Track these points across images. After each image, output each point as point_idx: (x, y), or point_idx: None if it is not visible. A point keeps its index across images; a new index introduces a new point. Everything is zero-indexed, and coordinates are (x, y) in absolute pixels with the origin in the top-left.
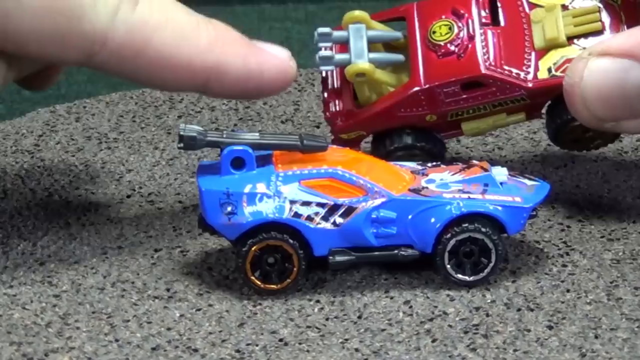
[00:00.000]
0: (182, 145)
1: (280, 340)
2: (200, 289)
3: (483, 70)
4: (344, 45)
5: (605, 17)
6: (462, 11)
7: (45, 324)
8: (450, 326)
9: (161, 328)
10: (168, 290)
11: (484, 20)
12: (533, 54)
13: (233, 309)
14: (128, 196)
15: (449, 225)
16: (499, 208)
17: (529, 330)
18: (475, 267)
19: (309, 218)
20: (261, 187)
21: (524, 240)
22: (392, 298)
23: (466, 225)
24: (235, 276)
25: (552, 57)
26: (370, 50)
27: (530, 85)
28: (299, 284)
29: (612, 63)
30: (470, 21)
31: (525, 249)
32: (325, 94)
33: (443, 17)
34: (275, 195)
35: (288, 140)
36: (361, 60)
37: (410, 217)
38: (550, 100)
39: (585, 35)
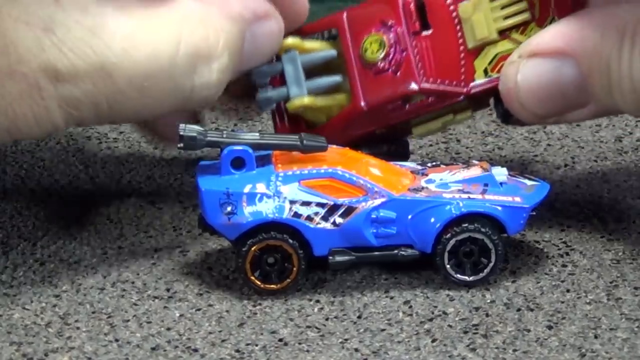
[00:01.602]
0: (182, 145)
1: (280, 340)
2: (200, 289)
3: (419, 85)
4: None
5: (534, 0)
6: (390, 21)
7: (45, 324)
8: (450, 326)
9: (161, 328)
10: (168, 290)
11: (412, 28)
12: (467, 56)
13: (233, 309)
14: (128, 196)
15: (448, 225)
16: (499, 208)
17: (528, 330)
18: (475, 267)
19: (309, 218)
20: (261, 187)
21: (524, 240)
22: (392, 298)
23: (466, 225)
24: (235, 276)
25: (487, 57)
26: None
27: (466, 90)
28: (299, 284)
29: (543, 63)
30: (399, 31)
31: (525, 249)
32: (276, 122)
33: (373, 31)
34: (275, 195)
35: (288, 140)
36: (300, 92)
37: (410, 217)
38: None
39: (517, 26)
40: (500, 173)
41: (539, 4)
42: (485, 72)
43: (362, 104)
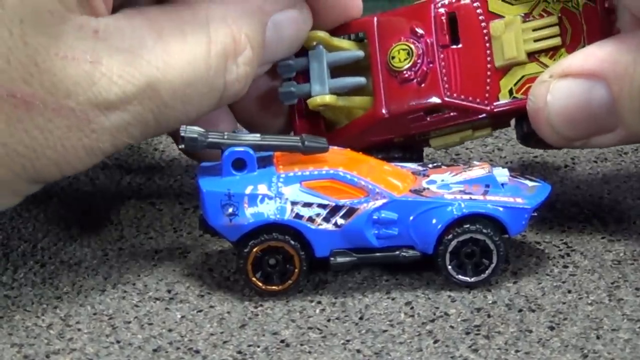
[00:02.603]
0: (183, 146)
1: (282, 341)
2: (202, 291)
3: (443, 99)
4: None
5: (567, 27)
6: (420, 31)
7: (46, 326)
8: (451, 327)
9: (162, 329)
10: (169, 291)
11: (442, 41)
12: (493, 74)
13: (234, 310)
14: (128, 198)
15: (450, 226)
16: (500, 209)
17: (530, 331)
18: (477, 268)
19: (311, 219)
20: (262, 189)
21: (525, 241)
22: (393, 299)
23: (467, 226)
24: (236, 277)
25: (513, 77)
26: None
27: (490, 109)
28: (301, 285)
29: (574, 84)
30: (429, 42)
31: (527, 250)
32: (295, 118)
33: (402, 39)
34: (277, 197)
35: (289, 142)
36: (322, 90)
37: (411, 218)
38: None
39: (547, 50)
40: (501, 174)
41: (572, 30)
42: (510, 92)
43: (384, 111)
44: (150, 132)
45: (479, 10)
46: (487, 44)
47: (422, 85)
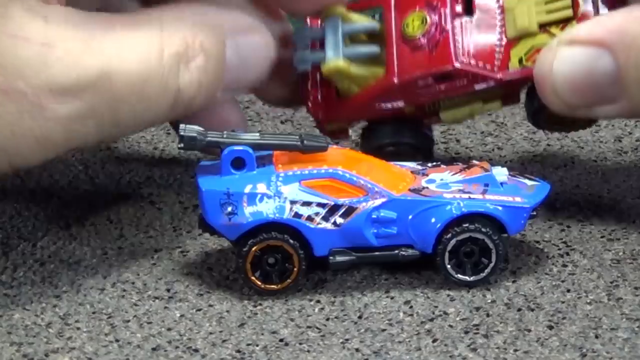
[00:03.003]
0: (182, 145)
1: (281, 340)
2: (201, 289)
3: (453, 65)
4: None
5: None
6: (435, 2)
7: (45, 324)
8: (450, 326)
9: (161, 328)
10: (168, 290)
11: (457, 11)
12: (505, 44)
13: (233, 309)
14: (128, 196)
15: (449, 225)
16: (500, 208)
17: (529, 330)
18: (476, 267)
19: (310, 218)
20: (261, 188)
21: (524, 241)
22: (392, 298)
23: (466, 225)
24: (235, 276)
25: (524, 47)
26: (347, 40)
27: (500, 76)
28: (300, 284)
29: (580, 52)
30: (443, 12)
31: (526, 249)
32: (308, 86)
33: (417, 8)
34: (276, 196)
35: (288, 141)
36: (336, 56)
37: (410, 217)
38: (527, 86)
39: (558, 22)
40: (500, 173)
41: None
42: (520, 61)
43: (395, 77)
44: (105, 130)
45: None
46: (500, 15)
47: (434, 52)
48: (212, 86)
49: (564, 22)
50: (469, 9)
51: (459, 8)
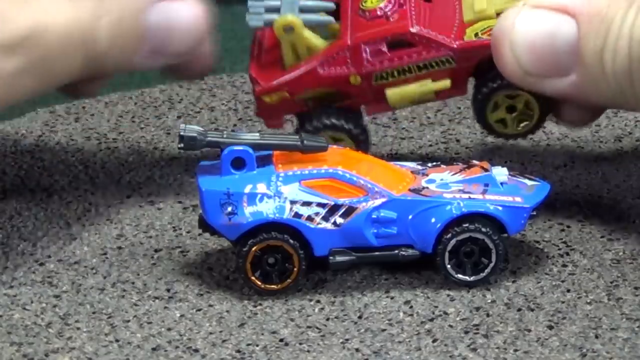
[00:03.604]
0: (182, 145)
1: (281, 340)
2: (201, 289)
3: (411, 29)
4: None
5: None
6: None
7: (45, 325)
8: (450, 326)
9: (161, 328)
10: (168, 290)
11: None
12: (461, 24)
13: (233, 309)
14: (128, 196)
15: (449, 225)
16: (500, 208)
17: (529, 330)
18: (476, 267)
19: (310, 218)
20: (261, 188)
21: (524, 241)
22: (392, 298)
23: (466, 225)
24: (235, 276)
25: (480, 26)
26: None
27: (456, 45)
28: (300, 284)
29: (545, 14)
30: None
31: (526, 249)
32: (254, 52)
33: None
34: (276, 196)
35: (288, 141)
36: (291, 13)
37: (410, 217)
38: (475, 77)
39: None
40: (500, 173)
41: None
42: (476, 35)
43: (348, 38)
44: (42, 84)
45: None
46: (458, 4)
47: (390, 19)
48: (126, 43)
49: None
50: None
51: None
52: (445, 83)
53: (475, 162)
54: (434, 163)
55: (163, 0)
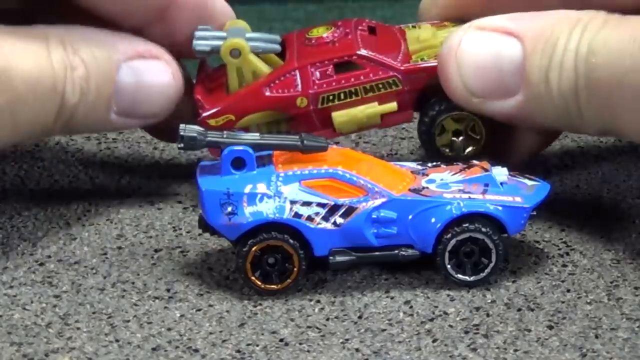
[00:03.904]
0: (182, 145)
1: (281, 340)
2: (201, 289)
3: (358, 51)
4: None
5: None
6: (340, 23)
7: (45, 325)
8: (450, 326)
9: (161, 328)
10: (168, 290)
11: (360, 29)
12: (406, 51)
13: (233, 309)
14: (128, 196)
15: (449, 225)
16: (500, 208)
17: (529, 330)
18: (476, 267)
19: (310, 218)
20: (261, 188)
21: (524, 241)
22: (392, 298)
23: (466, 225)
24: (235, 276)
25: (425, 53)
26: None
27: (402, 67)
28: (300, 284)
29: (490, 36)
30: (347, 28)
31: (526, 249)
32: (199, 78)
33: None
34: (276, 196)
35: (288, 141)
36: (238, 37)
37: (410, 217)
38: (421, 106)
39: None
40: (500, 173)
41: None
42: (421, 58)
43: (295, 61)
44: (4, 131)
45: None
46: (402, 36)
47: (337, 44)
48: (97, 100)
49: None
50: (371, 31)
51: (362, 29)
52: (392, 106)
53: (475, 162)
54: (434, 163)
55: (135, 59)
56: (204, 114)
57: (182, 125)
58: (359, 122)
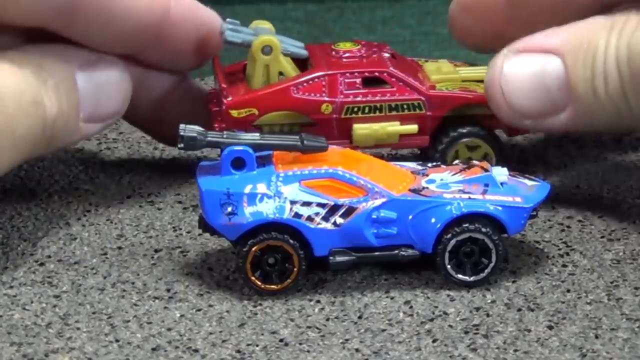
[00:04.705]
0: (182, 145)
1: (281, 340)
2: (201, 290)
3: (387, 68)
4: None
5: None
6: (364, 43)
7: (45, 325)
8: (450, 326)
9: (161, 328)
10: (168, 290)
11: (385, 51)
12: (429, 83)
13: (233, 309)
14: (128, 196)
15: (449, 225)
16: (499, 208)
17: (529, 331)
18: (476, 267)
19: (310, 218)
20: (261, 188)
21: (524, 241)
22: (392, 298)
23: (466, 225)
24: (235, 276)
25: (449, 84)
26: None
27: (430, 92)
28: (299, 284)
29: (530, 58)
30: (373, 48)
31: (526, 249)
32: (219, 71)
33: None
34: (276, 196)
35: (288, 141)
36: (270, 35)
37: (410, 217)
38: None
39: (478, 81)
40: (500, 173)
41: None
42: (446, 88)
43: (326, 67)
44: (5, 151)
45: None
46: (420, 69)
47: (365, 60)
48: (70, 109)
49: (482, 82)
50: (392, 57)
51: (386, 50)
52: (413, 128)
53: (475, 162)
54: (434, 163)
55: (85, 64)
56: (229, 100)
57: (182, 126)
58: (378, 137)
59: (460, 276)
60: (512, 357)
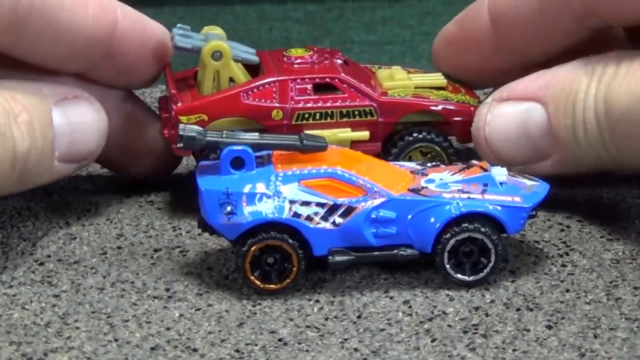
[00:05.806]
0: (181, 145)
1: (280, 340)
2: (200, 289)
3: (339, 75)
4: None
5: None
6: (316, 49)
7: (44, 324)
8: (449, 326)
9: (160, 328)
10: (167, 290)
11: (337, 57)
12: (380, 88)
13: (232, 308)
14: (128, 196)
15: (448, 225)
16: (499, 208)
17: (528, 330)
18: (475, 267)
19: (309, 218)
20: (261, 187)
21: (524, 240)
22: (391, 298)
23: (466, 225)
24: (234, 276)
25: (401, 90)
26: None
27: (381, 99)
28: (299, 284)
29: (514, 106)
30: (325, 54)
31: (525, 249)
32: (168, 81)
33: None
34: (275, 195)
35: (287, 140)
36: (220, 40)
37: (409, 217)
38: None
39: (430, 87)
40: (499, 173)
41: (452, 87)
42: (398, 95)
43: (276, 73)
44: None
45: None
46: (372, 75)
47: (317, 67)
48: (44, 145)
49: (436, 89)
50: (345, 63)
51: (338, 57)
52: (364, 134)
53: (474, 162)
54: (434, 163)
55: (61, 101)
56: (179, 106)
57: (181, 125)
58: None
59: (459, 276)
60: (510, 357)
